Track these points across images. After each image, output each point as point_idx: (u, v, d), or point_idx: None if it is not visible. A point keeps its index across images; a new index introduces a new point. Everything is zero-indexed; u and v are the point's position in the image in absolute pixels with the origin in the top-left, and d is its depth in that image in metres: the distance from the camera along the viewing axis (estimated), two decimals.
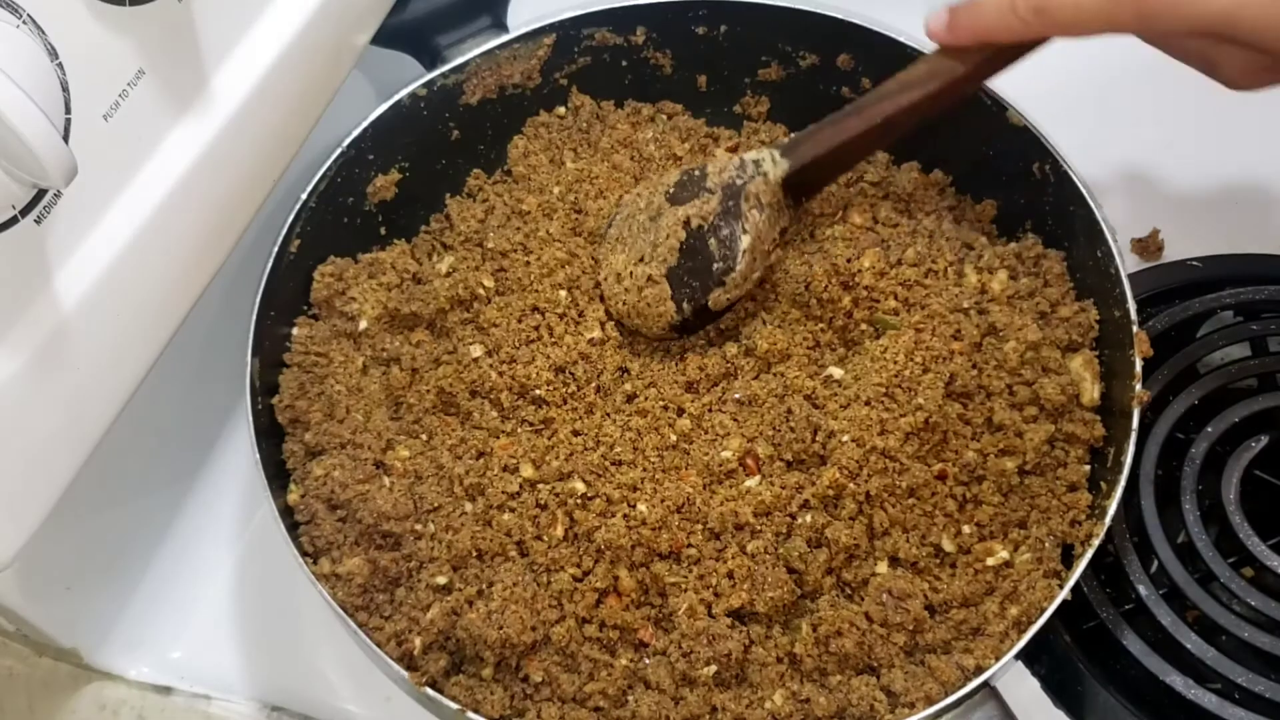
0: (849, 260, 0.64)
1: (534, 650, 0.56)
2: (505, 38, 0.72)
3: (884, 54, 0.70)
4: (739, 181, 0.64)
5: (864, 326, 0.64)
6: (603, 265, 0.67)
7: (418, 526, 0.59)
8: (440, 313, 0.65)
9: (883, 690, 0.56)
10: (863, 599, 0.58)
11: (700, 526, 0.59)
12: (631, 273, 0.65)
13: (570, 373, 0.63)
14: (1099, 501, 0.59)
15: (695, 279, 0.64)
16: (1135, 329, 0.61)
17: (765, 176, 0.64)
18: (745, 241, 0.63)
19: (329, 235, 0.69)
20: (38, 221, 0.47)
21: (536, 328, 0.65)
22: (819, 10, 0.71)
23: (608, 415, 0.62)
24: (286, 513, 0.60)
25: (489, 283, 0.66)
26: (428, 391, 0.63)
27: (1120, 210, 0.66)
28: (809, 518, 0.58)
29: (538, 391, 0.62)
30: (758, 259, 0.63)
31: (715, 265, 0.63)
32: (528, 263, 0.67)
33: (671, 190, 0.66)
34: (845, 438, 0.59)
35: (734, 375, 0.64)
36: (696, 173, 0.66)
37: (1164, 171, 0.79)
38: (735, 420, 0.62)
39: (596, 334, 0.64)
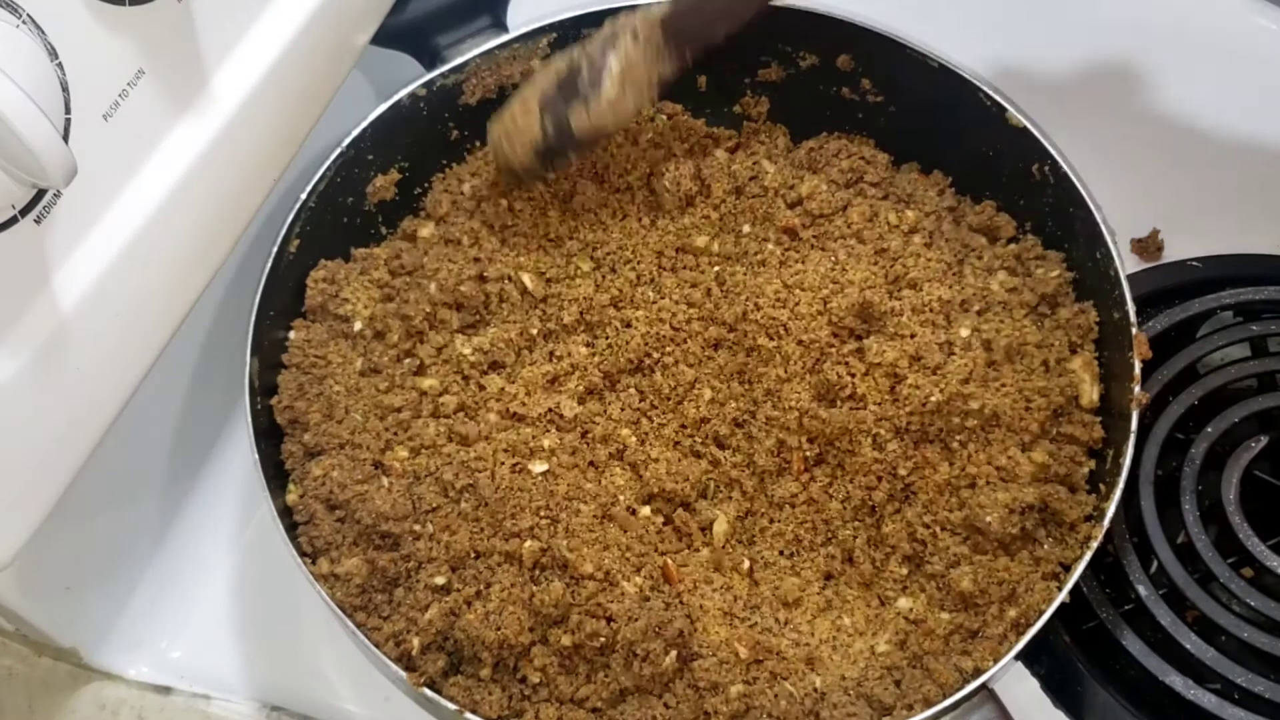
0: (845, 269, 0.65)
1: (531, 651, 0.56)
2: (505, 38, 0.72)
3: (884, 54, 0.70)
4: (618, 23, 0.65)
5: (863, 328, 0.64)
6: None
7: (416, 527, 0.59)
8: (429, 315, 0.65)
9: None
10: None
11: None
12: (510, 110, 0.66)
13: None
14: (1098, 503, 0.59)
15: (564, 96, 0.64)
16: (1134, 331, 0.61)
17: (644, 12, 0.64)
18: (614, 65, 0.63)
19: (329, 235, 0.69)
20: (38, 221, 0.47)
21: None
22: (819, 10, 0.71)
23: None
24: (285, 513, 0.60)
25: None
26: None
27: (1120, 210, 0.65)
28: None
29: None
30: (628, 90, 0.64)
31: (580, 84, 0.64)
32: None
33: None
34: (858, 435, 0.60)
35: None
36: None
37: (1164, 171, 0.79)
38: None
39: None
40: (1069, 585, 0.56)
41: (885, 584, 0.60)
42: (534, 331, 0.65)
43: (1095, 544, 0.57)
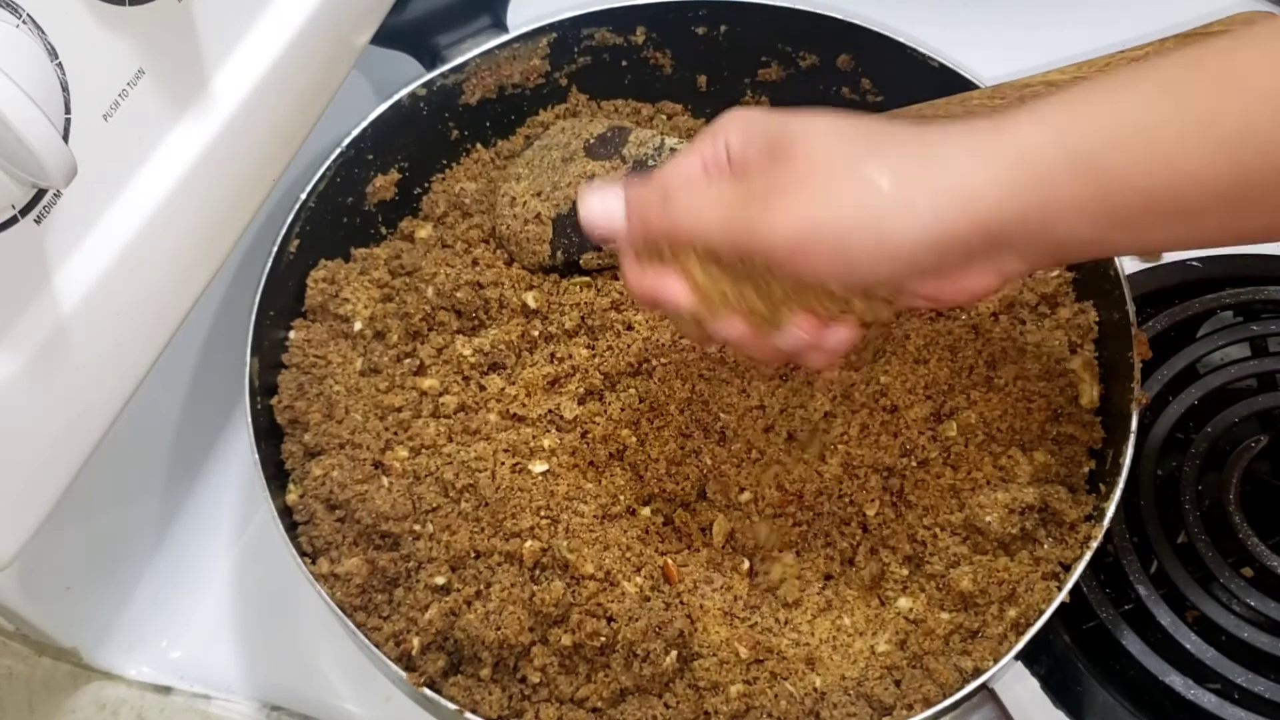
0: None
1: (531, 651, 0.56)
2: (505, 38, 0.72)
3: (884, 54, 0.70)
4: (650, 163, 0.66)
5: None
6: (504, 182, 0.69)
7: (416, 527, 0.59)
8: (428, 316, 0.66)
9: None
10: None
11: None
12: (525, 203, 0.67)
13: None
14: (1098, 503, 0.59)
15: (577, 234, 0.66)
16: (1134, 331, 0.61)
17: None
18: None
19: (329, 235, 0.69)
20: (38, 221, 0.47)
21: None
22: (819, 10, 0.71)
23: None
24: (285, 513, 0.60)
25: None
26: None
27: None
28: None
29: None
30: None
31: None
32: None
33: (592, 142, 0.68)
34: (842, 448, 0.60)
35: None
36: (619, 134, 0.68)
37: None
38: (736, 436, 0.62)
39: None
40: (1069, 585, 0.56)
41: (885, 584, 0.60)
42: (535, 334, 0.65)
43: (1095, 544, 0.57)
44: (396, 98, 0.70)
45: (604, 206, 0.51)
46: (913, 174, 0.45)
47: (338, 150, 0.68)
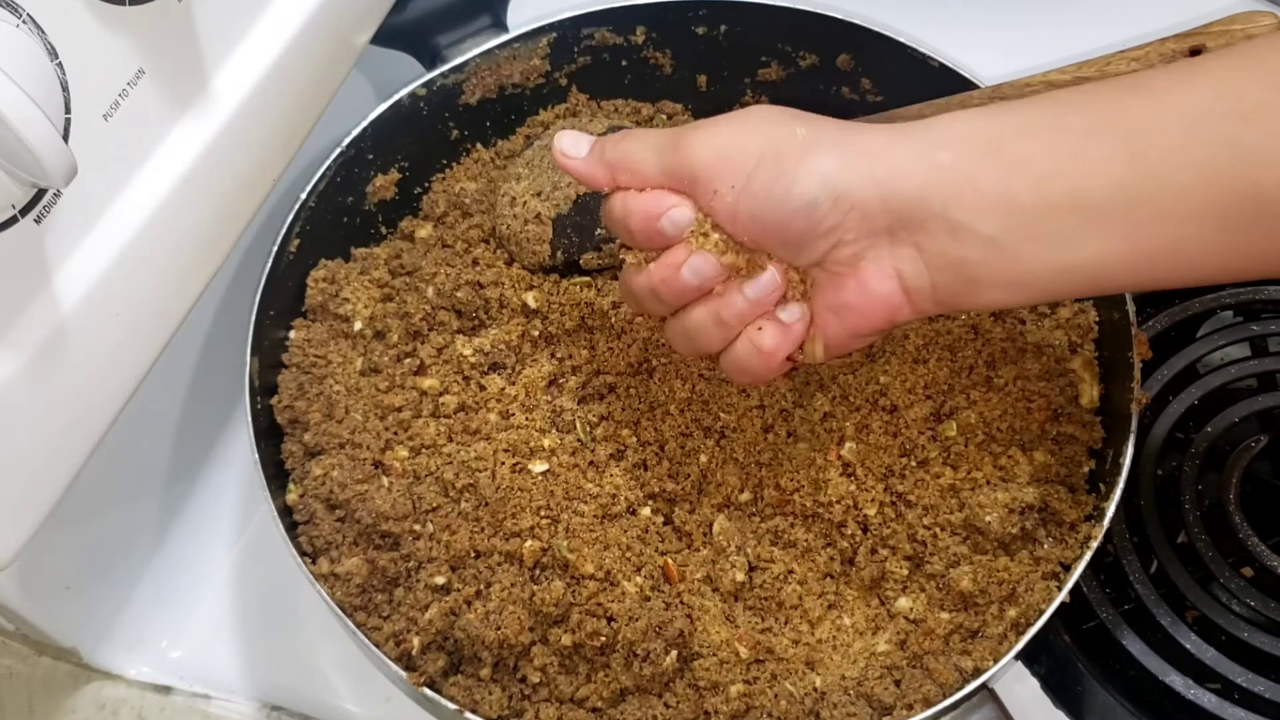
0: None
1: (531, 650, 0.56)
2: (505, 37, 0.72)
3: (884, 54, 0.70)
4: None
5: None
6: (504, 182, 0.69)
7: (416, 527, 0.59)
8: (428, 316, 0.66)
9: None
10: None
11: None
12: (525, 203, 0.67)
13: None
14: (1098, 503, 0.59)
15: (577, 234, 0.66)
16: (1134, 330, 0.61)
17: None
18: None
19: (329, 235, 0.69)
20: (38, 221, 0.47)
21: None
22: (819, 10, 0.71)
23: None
24: (285, 513, 0.60)
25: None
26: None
27: None
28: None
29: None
30: None
31: (598, 230, 0.65)
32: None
33: None
34: (848, 446, 0.60)
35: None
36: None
37: None
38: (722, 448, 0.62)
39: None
40: (1069, 585, 0.56)
41: (885, 584, 0.60)
42: (535, 334, 0.65)
43: (1095, 544, 0.57)
44: (396, 98, 0.70)
45: (574, 140, 0.54)
46: (830, 135, 0.48)
47: (338, 150, 0.68)
